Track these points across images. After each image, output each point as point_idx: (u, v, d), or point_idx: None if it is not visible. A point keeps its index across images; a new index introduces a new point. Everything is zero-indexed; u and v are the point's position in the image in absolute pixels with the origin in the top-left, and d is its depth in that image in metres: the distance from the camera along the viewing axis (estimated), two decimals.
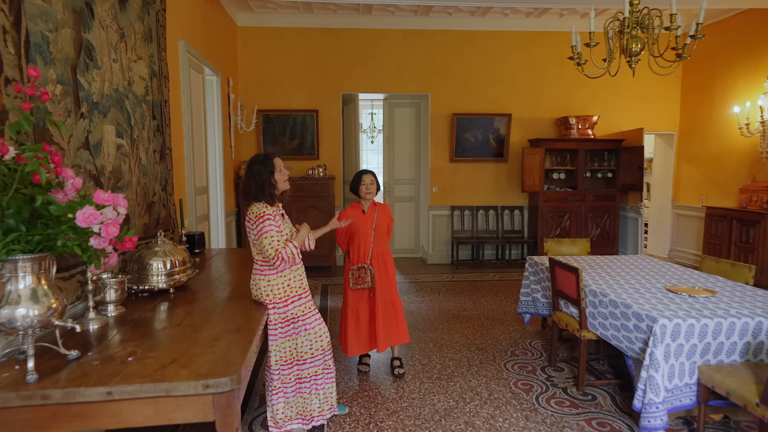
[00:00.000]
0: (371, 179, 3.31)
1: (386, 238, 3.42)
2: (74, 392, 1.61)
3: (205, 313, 2.48)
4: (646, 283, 3.12)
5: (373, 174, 3.36)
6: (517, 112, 7.15)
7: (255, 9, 6.47)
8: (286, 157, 7.01)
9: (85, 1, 2.58)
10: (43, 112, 2.18)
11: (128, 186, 3.08)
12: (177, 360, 1.84)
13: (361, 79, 6.99)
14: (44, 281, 1.76)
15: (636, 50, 3.06)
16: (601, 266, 3.66)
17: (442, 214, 7.31)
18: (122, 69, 3.03)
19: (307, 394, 2.65)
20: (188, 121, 4.38)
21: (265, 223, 2.50)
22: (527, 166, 6.73)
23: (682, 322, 2.40)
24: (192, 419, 1.72)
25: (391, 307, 3.35)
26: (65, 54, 2.37)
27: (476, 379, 3.33)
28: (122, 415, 1.68)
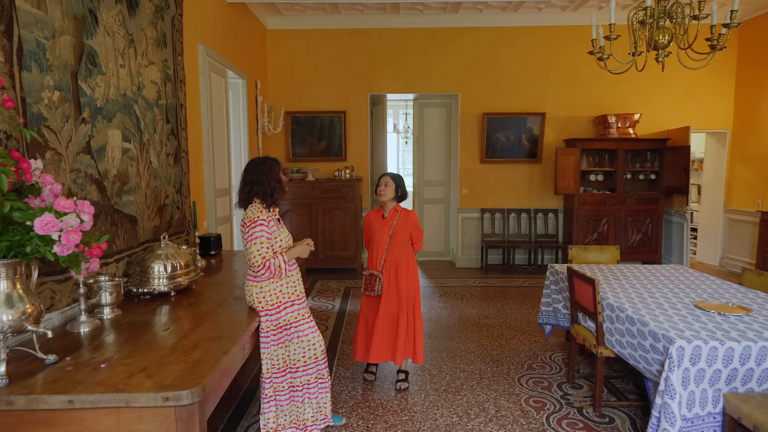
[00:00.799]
0: (386, 180, 3.19)
1: (406, 248, 3.24)
2: (37, 399, 1.61)
3: (195, 319, 2.46)
4: (672, 298, 2.85)
5: (393, 176, 3.22)
6: (551, 111, 6.83)
7: (283, 12, 6.51)
8: (314, 158, 7.03)
9: (88, 9, 2.62)
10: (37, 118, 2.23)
11: (137, 189, 3.12)
12: (147, 369, 1.81)
13: (389, 79, 6.90)
14: (20, 286, 1.78)
15: (663, 42, 2.79)
16: (627, 277, 3.39)
17: (471, 216, 7.10)
18: (131, 74, 3.07)
19: (299, 402, 2.59)
20: (208, 124, 4.43)
21: (256, 229, 2.46)
22: (561, 168, 6.41)
23: (703, 344, 2.15)
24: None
25: (392, 321, 3.20)
26: (64, 61, 2.41)
27: (485, 393, 3.16)
28: (85, 425, 1.66)
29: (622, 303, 2.74)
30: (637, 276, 3.41)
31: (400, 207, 3.28)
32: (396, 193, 3.22)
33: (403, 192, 3.24)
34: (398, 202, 3.26)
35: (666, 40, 2.79)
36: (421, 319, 3.29)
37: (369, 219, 3.31)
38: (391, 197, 3.21)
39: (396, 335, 3.18)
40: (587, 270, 3.61)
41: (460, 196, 7.07)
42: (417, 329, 3.25)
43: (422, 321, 3.31)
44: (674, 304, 2.71)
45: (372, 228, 3.26)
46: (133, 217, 3.07)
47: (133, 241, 3.05)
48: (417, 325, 3.25)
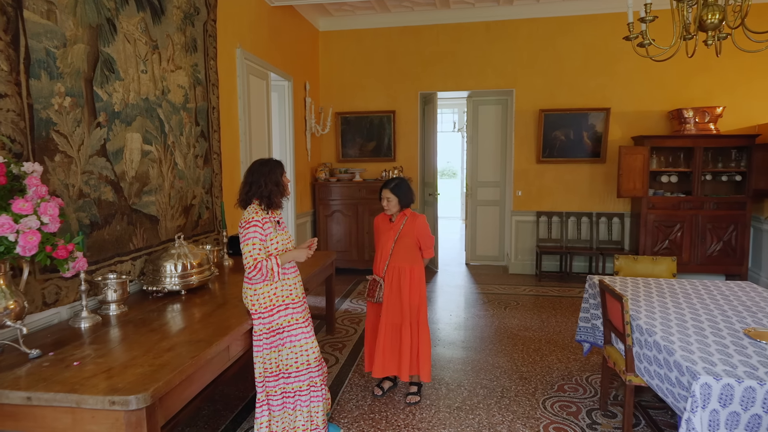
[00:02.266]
0: (387, 195, 3.03)
1: (412, 254, 3.07)
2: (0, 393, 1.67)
3: (188, 319, 2.48)
4: (721, 322, 2.43)
5: (392, 188, 3.02)
6: (617, 106, 6.24)
7: (333, 13, 6.53)
8: (364, 159, 7.00)
9: (105, 18, 2.75)
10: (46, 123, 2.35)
11: (159, 190, 3.24)
12: (111, 370, 1.83)
13: (440, 77, 6.68)
14: (2, 283, 1.87)
15: (713, 22, 2.37)
16: (675, 294, 2.95)
17: (526, 220, 6.69)
18: (154, 79, 3.19)
19: (291, 410, 2.53)
20: (245, 126, 4.53)
21: (249, 230, 2.43)
22: (625, 168, 5.83)
23: (735, 383, 1.79)
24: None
25: (393, 331, 3.03)
26: (76, 68, 2.53)
27: (502, 414, 2.91)
28: (45, 421, 1.70)
29: (653, 326, 2.37)
30: (689, 293, 2.97)
31: (409, 211, 3.11)
32: (400, 205, 3.05)
33: (407, 200, 3.06)
34: (405, 209, 3.09)
35: (716, 20, 2.37)
36: (426, 332, 3.08)
37: (377, 222, 3.18)
38: (396, 210, 3.05)
39: (400, 348, 3.01)
40: (630, 284, 3.20)
41: (514, 198, 6.69)
42: (421, 343, 3.05)
43: (428, 334, 3.11)
44: (719, 330, 2.30)
45: (379, 232, 3.13)
46: (153, 216, 3.18)
47: (153, 240, 3.16)
48: (422, 338, 3.05)
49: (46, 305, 2.34)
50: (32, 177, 1.92)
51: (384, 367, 3.00)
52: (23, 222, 1.66)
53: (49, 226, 1.75)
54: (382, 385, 3.19)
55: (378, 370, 3.00)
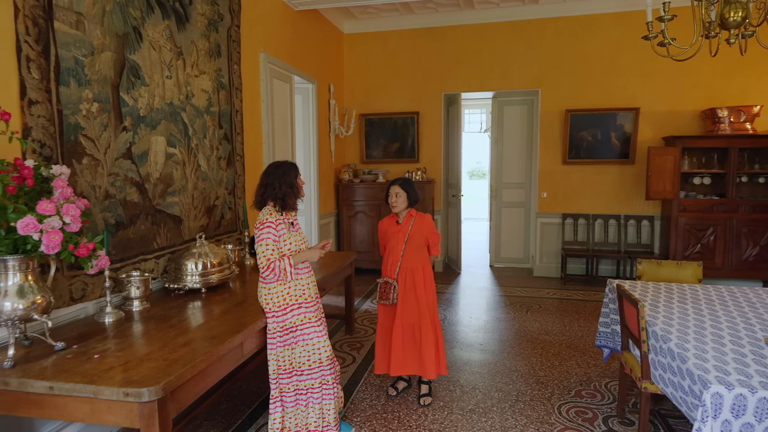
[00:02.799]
0: (396, 191, 3.07)
1: (422, 254, 3.11)
2: (25, 383, 1.78)
3: (205, 316, 2.57)
4: (743, 330, 2.34)
5: (403, 185, 3.09)
6: (647, 106, 6.07)
7: (358, 16, 6.60)
8: (387, 160, 7.03)
9: (132, 26, 2.87)
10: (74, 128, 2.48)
11: (182, 191, 3.36)
12: (128, 363, 1.92)
13: (464, 77, 6.65)
14: (31, 279, 1.98)
15: (736, 20, 2.29)
16: (698, 300, 2.86)
17: (552, 222, 6.58)
18: (178, 84, 3.31)
19: (303, 406, 2.58)
20: (268, 128, 4.64)
21: (263, 231, 2.50)
22: (654, 169, 5.66)
23: (749, 393, 1.73)
24: (122, 423, 1.77)
25: (411, 332, 3.05)
26: (103, 75, 2.66)
27: (515, 418, 2.88)
28: (67, 410, 1.81)
29: (669, 332, 2.31)
30: (712, 300, 2.87)
31: (415, 212, 3.13)
32: (408, 202, 3.07)
33: (414, 197, 3.09)
34: (411, 207, 3.12)
35: (739, 17, 2.29)
36: (441, 328, 3.13)
37: (383, 226, 3.21)
38: (404, 207, 3.07)
39: (421, 347, 3.03)
40: (651, 289, 3.12)
41: (539, 199, 6.59)
42: (439, 339, 3.09)
43: (441, 330, 3.16)
44: (738, 339, 2.22)
45: (387, 235, 3.15)
46: (177, 217, 3.30)
47: (176, 239, 3.28)
48: (439, 335, 3.09)
49: (73, 300, 2.46)
50: (59, 179, 2.03)
51: (403, 365, 3.03)
52: (47, 222, 1.77)
53: (71, 226, 1.85)
54: (396, 386, 3.22)
55: (396, 368, 3.02)
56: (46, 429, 2.36)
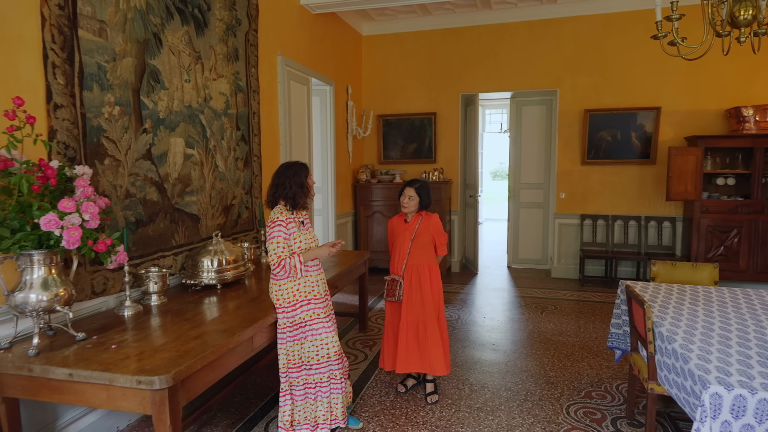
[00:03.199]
0: (410, 193, 3.10)
1: (428, 252, 3.15)
2: (47, 369, 1.90)
3: (218, 311, 2.67)
4: (752, 332, 2.31)
5: (418, 188, 3.11)
6: (668, 105, 5.96)
7: (376, 18, 6.67)
8: (405, 161, 7.08)
9: (152, 32, 3.00)
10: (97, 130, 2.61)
11: (200, 190, 3.48)
12: (142, 353, 2.02)
13: (481, 78, 6.65)
14: (55, 272, 2.11)
15: (746, 18, 2.27)
16: (710, 302, 2.82)
17: (570, 223, 6.52)
18: (197, 87, 3.43)
19: (312, 400, 2.65)
20: (285, 129, 4.74)
21: (275, 229, 2.58)
22: (676, 170, 5.55)
23: (749, 394, 1.72)
24: (135, 410, 1.88)
25: (416, 329, 3.09)
26: (124, 80, 2.79)
27: (522, 417, 2.90)
28: (85, 396, 1.92)
29: (676, 333, 2.30)
30: (725, 302, 2.83)
31: (424, 212, 3.17)
32: (420, 205, 3.11)
33: (427, 202, 3.13)
34: (424, 209, 3.16)
35: (749, 16, 2.26)
36: (446, 326, 3.17)
37: (392, 224, 3.26)
38: (414, 210, 3.11)
39: (426, 344, 3.07)
40: (663, 290, 3.09)
41: (557, 200, 6.54)
42: (444, 338, 3.12)
43: (447, 329, 3.20)
44: (747, 341, 2.20)
45: (395, 233, 3.21)
46: (195, 215, 3.42)
47: (194, 237, 3.40)
48: (444, 333, 3.13)
49: (95, 294, 2.59)
50: (81, 179, 2.15)
51: (408, 363, 3.07)
52: (67, 219, 1.88)
53: (90, 223, 1.97)
54: (405, 383, 3.26)
55: (401, 365, 3.07)
56: (68, 415, 2.49)
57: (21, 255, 2.01)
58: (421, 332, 3.08)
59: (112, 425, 2.72)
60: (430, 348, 3.05)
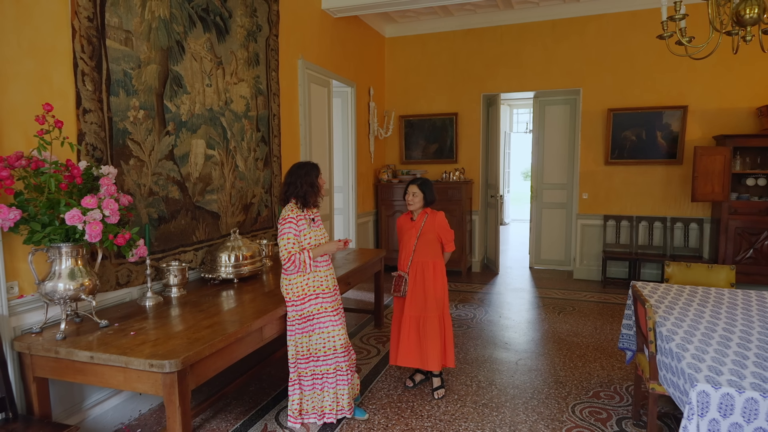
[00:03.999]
0: (413, 190, 3.20)
1: (434, 250, 3.22)
2: (71, 352, 2.08)
3: (232, 303, 2.82)
4: (756, 335, 2.28)
5: (420, 185, 3.21)
6: (696, 103, 5.81)
7: (398, 20, 6.76)
8: (426, 161, 7.14)
9: (175, 40, 3.18)
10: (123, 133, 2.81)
11: (221, 189, 3.65)
12: (157, 340, 2.18)
13: (503, 78, 6.65)
14: (81, 263, 2.29)
15: (751, 17, 2.24)
16: (719, 304, 2.78)
17: (593, 223, 6.43)
18: (218, 91, 3.61)
19: (319, 390, 2.77)
20: (306, 130, 4.89)
21: (285, 226, 2.70)
22: (702, 170, 5.41)
23: (736, 393, 1.72)
24: (148, 391, 2.04)
25: (417, 324, 3.16)
26: (149, 85, 2.98)
27: (526, 414, 2.93)
28: (104, 377, 2.09)
29: (676, 333, 2.30)
30: (735, 304, 2.78)
31: (429, 209, 3.24)
32: (424, 201, 3.19)
33: (431, 198, 3.20)
34: (428, 206, 3.23)
35: (754, 14, 2.23)
36: (450, 322, 3.24)
37: (400, 222, 3.34)
38: (419, 206, 3.19)
39: (425, 339, 3.14)
40: (674, 291, 3.06)
41: (579, 200, 6.47)
42: (447, 334, 3.19)
43: (451, 324, 3.27)
44: (747, 343, 2.18)
45: (402, 230, 3.29)
46: (215, 213, 3.60)
47: (214, 234, 3.57)
48: (447, 329, 3.20)
49: (119, 285, 2.79)
50: (105, 178, 2.33)
51: (408, 357, 3.15)
52: (89, 214, 2.06)
53: (110, 218, 2.14)
54: (413, 377, 3.34)
55: (402, 359, 3.16)
56: (93, 397, 2.69)
57: (50, 247, 2.20)
58: (422, 327, 3.15)
59: (134, 408, 2.92)
60: (428, 343, 3.12)
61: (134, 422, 2.86)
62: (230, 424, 2.87)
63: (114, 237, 2.17)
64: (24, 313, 2.31)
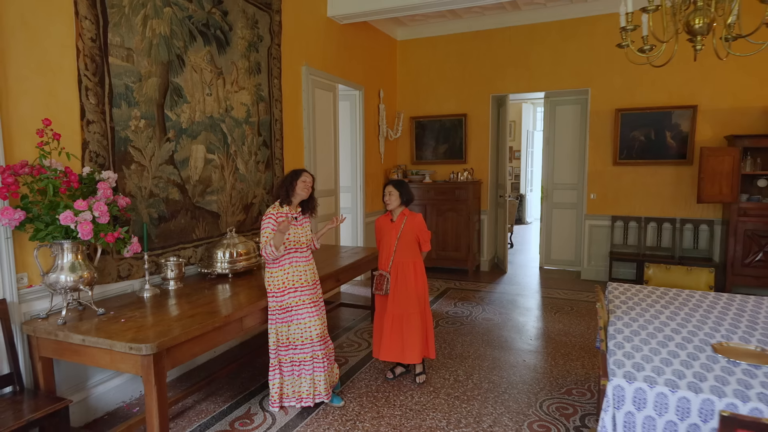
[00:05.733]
0: (390, 190, 3.38)
1: (413, 250, 3.41)
2: (68, 335, 2.38)
3: (223, 295, 3.08)
4: (701, 336, 2.35)
5: (396, 185, 3.40)
6: (707, 103, 5.71)
7: (407, 23, 6.91)
8: (436, 161, 7.27)
9: (175, 54, 3.47)
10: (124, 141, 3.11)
11: (221, 190, 3.94)
12: (142, 327, 2.46)
13: (512, 79, 6.70)
14: (80, 258, 2.60)
15: (699, 27, 2.30)
16: (683, 305, 2.83)
17: (600, 224, 6.42)
18: (218, 99, 3.89)
19: (297, 376, 3.01)
20: (309, 134, 5.13)
21: (265, 221, 2.96)
22: (708, 171, 5.33)
23: (647, 387, 1.83)
24: (130, 371, 2.32)
25: (400, 321, 3.35)
26: (149, 97, 3.27)
27: (494, 407, 3.07)
28: (95, 358, 2.38)
29: (620, 332, 2.40)
30: (699, 306, 2.83)
31: (408, 211, 3.42)
32: (401, 200, 3.37)
33: (407, 198, 3.38)
34: (405, 206, 3.40)
35: (702, 24, 2.29)
36: (431, 317, 3.47)
37: (379, 223, 3.52)
38: (396, 204, 3.37)
39: (408, 335, 3.32)
40: (645, 292, 3.12)
41: (587, 201, 6.46)
42: (429, 327, 3.42)
43: (432, 318, 3.50)
44: (689, 341, 2.25)
45: (382, 231, 3.47)
46: (215, 213, 3.88)
47: (214, 232, 3.86)
48: (429, 323, 3.42)
49: (121, 278, 3.10)
50: (102, 182, 2.63)
51: (390, 352, 3.35)
52: (80, 215, 2.35)
53: (100, 219, 2.42)
54: (394, 370, 3.54)
55: (384, 353, 3.37)
56: (96, 377, 3.01)
57: (54, 243, 2.52)
58: (405, 324, 3.34)
59: (135, 389, 3.23)
60: (410, 339, 3.31)
61: (134, 401, 3.17)
62: (218, 405, 3.14)
63: (105, 235, 2.46)
64: (32, 300, 2.64)
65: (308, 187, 3.07)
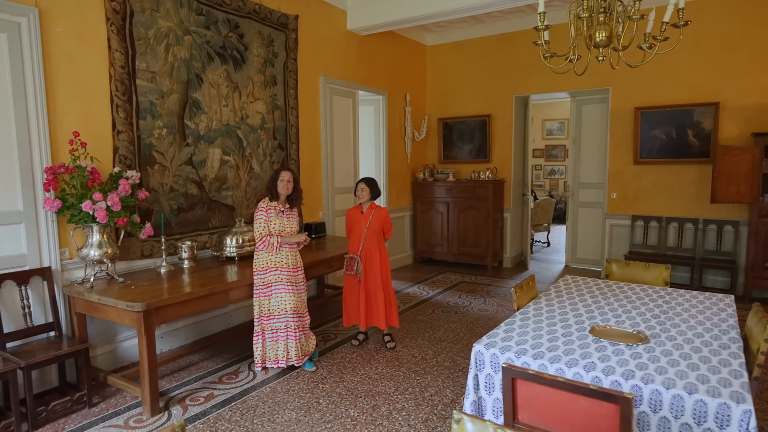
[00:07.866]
0: (362, 187, 3.88)
1: (379, 237, 3.94)
2: (90, 295, 3.14)
3: (220, 273, 3.73)
4: (586, 320, 2.58)
5: (367, 182, 3.89)
6: (730, 100, 5.52)
7: (434, 29, 7.28)
8: (462, 161, 7.57)
9: (195, 74, 4.20)
10: (149, 146, 3.88)
11: (236, 187, 4.63)
12: (143, 292, 3.16)
13: (534, 79, 6.84)
14: (105, 237, 3.37)
15: (600, 40, 2.53)
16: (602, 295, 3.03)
17: (621, 223, 6.38)
18: (234, 110, 4.58)
19: (274, 342, 3.59)
20: (327, 137, 5.72)
21: (257, 213, 3.58)
22: (724, 170, 5.18)
23: (499, 353, 2.17)
24: (131, 324, 3.01)
25: (374, 294, 3.94)
26: (171, 110, 4.02)
27: (442, 381, 3.45)
28: (109, 314, 3.12)
29: (522, 318, 2.70)
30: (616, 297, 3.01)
31: (375, 204, 3.91)
32: (371, 195, 3.87)
33: (376, 193, 3.92)
34: (373, 200, 3.89)
35: (603, 38, 2.51)
36: (393, 292, 4.07)
37: (350, 214, 4.03)
38: (366, 198, 3.89)
39: (380, 305, 3.95)
40: (578, 283, 3.33)
41: (608, 200, 6.45)
42: (392, 301, 4.02)
43: (394, 293, 4.10)
44: (571, 326, 2.52)
45: (353, 221, 3.98)
46: (230, 206, 4.58)
47: (229, 222, 4.57)
48: (392, 297, 4.02)
49: (144, 256, 3.86)
50: (122, 180, 3.37)
51: (368, 320, 4.01)
52: (97, 204, 3.09)
53: (114, 207, 3.15)
54: (358, 337, 4.17)
55: (363, 323, 4.00)
56: (124, 333, 3.80)
57: (85, 226, 3.30)
58: (373, 298, 3.94)
59: None
60: (377, 309, 3.94)
61: None
62: (216, 364, 3.82)
63: (118, 220, 3.19)
64: (73, 270, 3.46)
65: (286, 185, 3.63)
